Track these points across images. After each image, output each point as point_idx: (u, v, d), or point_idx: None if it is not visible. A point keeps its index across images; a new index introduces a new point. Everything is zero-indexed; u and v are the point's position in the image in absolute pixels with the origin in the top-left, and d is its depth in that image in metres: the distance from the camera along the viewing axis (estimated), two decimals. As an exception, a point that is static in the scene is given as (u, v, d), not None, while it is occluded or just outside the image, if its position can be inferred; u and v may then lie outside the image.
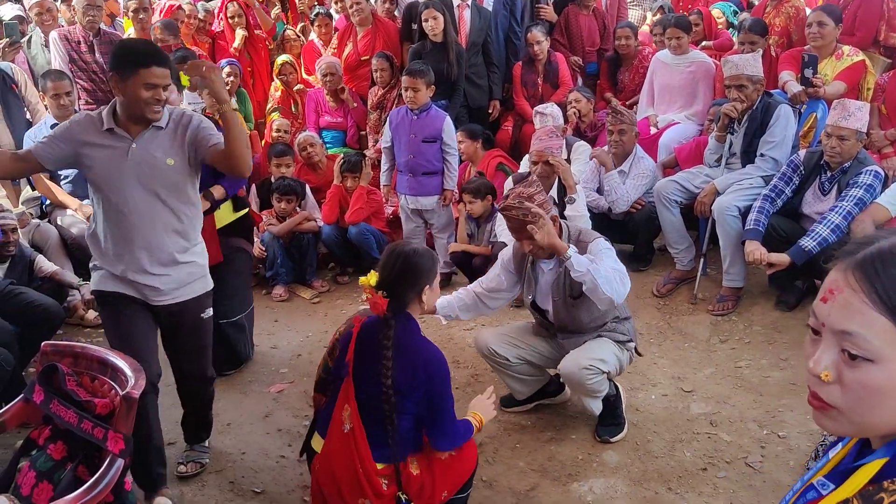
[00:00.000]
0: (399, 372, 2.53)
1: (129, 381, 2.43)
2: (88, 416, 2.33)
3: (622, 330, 3.51)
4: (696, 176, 5.03)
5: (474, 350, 4.50)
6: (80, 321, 5.13)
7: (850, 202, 4.10)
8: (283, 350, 4.81)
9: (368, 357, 2.59)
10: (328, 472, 2.63)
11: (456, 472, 2.77)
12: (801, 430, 3.60)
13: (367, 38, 6.77)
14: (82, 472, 2.36)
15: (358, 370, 2.62)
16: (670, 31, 5.87)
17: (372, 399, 2.58)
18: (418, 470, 2.67)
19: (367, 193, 5.65)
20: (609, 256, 3.27)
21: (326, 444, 2.68)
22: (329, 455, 2.65)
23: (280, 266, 5.63)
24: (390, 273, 2.58)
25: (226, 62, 6.70)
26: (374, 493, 2.57)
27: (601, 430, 3.62)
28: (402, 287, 2.58)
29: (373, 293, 2.54)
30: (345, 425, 2.62)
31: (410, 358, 2.55)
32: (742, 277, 4.77)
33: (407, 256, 2.60)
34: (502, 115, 6.86)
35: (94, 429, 2.31)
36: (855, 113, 4.12)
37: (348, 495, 2.58)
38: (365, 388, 2.59)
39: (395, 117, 5.48)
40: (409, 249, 2.64)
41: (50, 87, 5.18)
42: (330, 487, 2.63)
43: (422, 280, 2.61)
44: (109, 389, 2.48)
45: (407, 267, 2.58)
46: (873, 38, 5.69)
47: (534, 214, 3.15)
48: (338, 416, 2.64)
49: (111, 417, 2.38)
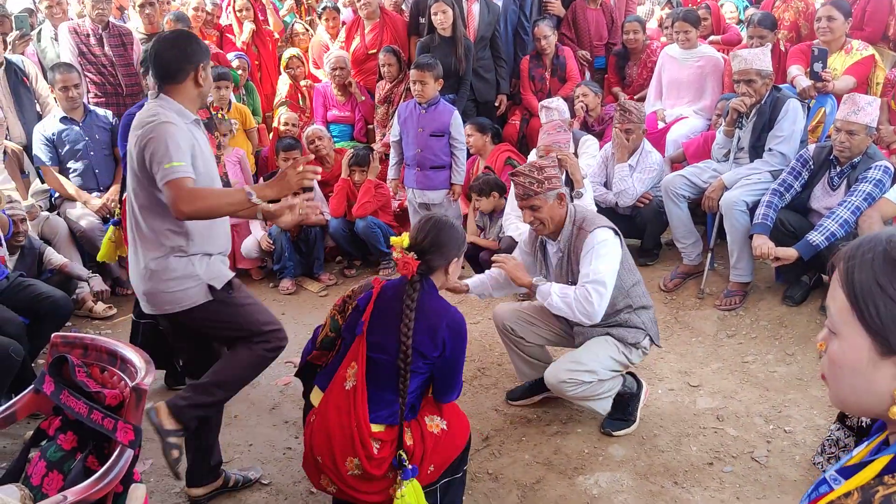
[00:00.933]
0: (419, 333, 2.58)
1: (139, 372, 2.45)
2: (98, 407, 2.34)
3: (634, 322, 3.46)
4: (703, 171, 5.01)
5: (481, 343, 4.53)
6: (88, 313, 5.17)
7: (859, 197, 4.09)
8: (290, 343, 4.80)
9: (387, 318, 2.63)
10: (322, 428, 2.65)
11: (446, 447, 2.80)
12: (807, 424, 3.60)
13: (374, 31, 6.77)
14: (92, 462, 2.37)
15: (374, 330, 2.65)
16: (678, 24, 5.86)
17: (383, 359, 2.62)
18: (412, 440, 2.70)
19: (374, 187, 5.66)
20: (600, 256, 3.25)
21: (325, 397, 2.70)
22: (326, 410, 2.67)
23: (287, 259, 5.65)
24: (425, 237, 2.65)
25: (234, 55, 6.73)
26: (366, 455, 2.59)
27: (607, 423, 3.63)
28: (433, 253, 2.65)
29: (404, 254, 2.62)
30: (347, 382, 2.65)
31: (432, 320, 2.60)
32: (749, 272, 4.76)
33: (443, 225, 2.69)
34: (509, 109, 6.85)
35: (103, 419, 2.32)
36: (865, 108, 4.10)
37: (339, 453, 2.60)
38: (378, 347, 2.63)
39: (403, 111, 5.49)
40: (445, 219, 2.74)
41: (59, 79, 5.21)
42: (322, 442, 2.65)
43: (452, 250, 2.69)
44: (119, 381, 2.49)
45: (441, 234, 2.66)
46: (883, 32, 5.67)
47: (539, 183, 3.27)
48: (342, 372, 2.67)
49: (121, 408, 2.39)
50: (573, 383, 3.36)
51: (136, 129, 2.79)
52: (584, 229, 3.34)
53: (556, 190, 3.34)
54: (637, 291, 3.47)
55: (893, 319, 1.02)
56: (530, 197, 3.32)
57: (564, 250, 3.40)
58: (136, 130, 2.80)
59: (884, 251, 1.04)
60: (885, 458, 1.04)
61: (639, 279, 3.52)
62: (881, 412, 1.06)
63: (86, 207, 5.32)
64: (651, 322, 3.54)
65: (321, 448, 2.65)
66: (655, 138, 5.66)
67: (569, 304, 3.24)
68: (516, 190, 3.38)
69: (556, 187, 3.34)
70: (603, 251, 3.26)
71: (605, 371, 3.40)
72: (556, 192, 3.34)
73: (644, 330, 3.48)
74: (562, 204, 3.38)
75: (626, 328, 3.46)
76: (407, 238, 2.64)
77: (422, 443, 2.72)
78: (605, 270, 3.23)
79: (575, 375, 3.35)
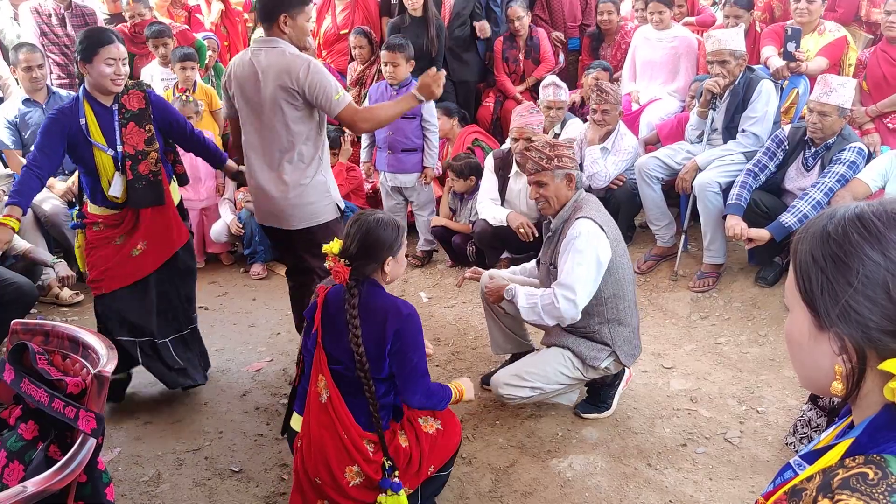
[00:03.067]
0: (368, 336, 2.51)
1: (102, 359, 2.38)
2: (60, 396, 2.28)
3: (602, 336, 3.33)
4: (677, 152, 5.00)
5: (455, 327, 4.51)
6: (55, 300, 5.07)
7: (833, 178, 4.10)
8: (260, 328, 4.76)
9: (336, 325, 2.57)
10: (313, 446, 2.59)
11: (443, 447, 2.77)
12: (780, 405, 3.61)
13: (346, 11, 6.68)
14: (54, 451, 2.32)
15: (327, 339, 2.59)
16: (652, 5, 5.81)
17: (342, 370, 2.56)
18: (407, 443, 2.65)
19: (346, 170, 5.59)
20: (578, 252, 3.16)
21: (306, 419, 2.64)
22: (311, 429, 2.61)
23: (258, 244, 5.57)
24: (353, 242, 2.54)
25: (202, 36, 6.60)
26: (364, 459, 2.54)
27: (580, 405, 3.61)
28: (363, 257, 2.54)
29: (336, 261, 2.52)
30: (322, 395, 2.59)
31: (376, 317, 2.52)
32: (723, 254, 4.77)
33: (369, 226, 2.56)
34: (484, 91, 6.80)
35: (65, 408, 2.26)
36: (837, 89, 4.10)
37: (336, 465, 2.54)
38: (336, 356, 2.57)
39: (374, 93, 5.41)
40: (373, 219, 2.60)
41: (22, 59, 5.07)
42: (316, 462, 2.58)
43: (383, 251, 2.57)
44: (81, 368, 2.43)
45: (368, 236, 2.54)
46: (854, 13, 5.68)
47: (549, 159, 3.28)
48: (313, 388, 2.62)
49: (83, 396, 2.33)
50: (511, 398, 3.39)
51: (277, 68, 3.34)
52: (574, 216, 3.29)
53: (566, 170, 3.31)
54: (615, 304, 3.32)
55: (823, 292, 1.02)
56: (538, 172, 3.31)
57: (556, 230, 3.39)
58: (276, 69, 3.34)
59: (823, 226, 1.04)
60: (847, 441, 1.04)
61: (623, 293, 3.34)
62: (826, 387, 1.06)
63: (50, 192, 5.20)
64: (623, 341, 3.37)
65: (317, 467, 2.58)
66: (630, 120, 5.64)
67: (536, 311, 3.23)
68: (526, 164, 3.36)
69: (567, 167, 3.31)
70: (581, 246, 3.17)
71: (550, 387, 3.39)
72: (566, 173, 3.31)
73: (609, 347, 3.34)
74: (570, 186, 3.34)
75: (590, 341, 3.35)
76: (338, 244, 2.55)
77: (418, 445, 2.67)
78: (578, 274, 3.15)
79: (514, 392, 3.37)
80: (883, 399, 1.00)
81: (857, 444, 1.02)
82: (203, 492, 3.19)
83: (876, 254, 0.98)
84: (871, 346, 1.00)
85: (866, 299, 0.99)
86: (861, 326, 0.99)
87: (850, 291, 0.99)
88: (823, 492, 0.97)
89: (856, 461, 0.99)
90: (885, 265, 0.98)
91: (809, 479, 1.03)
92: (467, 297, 4.99)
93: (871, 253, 0.99)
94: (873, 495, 0.92)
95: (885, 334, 0.98)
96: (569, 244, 3.21)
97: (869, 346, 1.00)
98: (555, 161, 3.29)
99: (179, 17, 6.92)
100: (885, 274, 0.98)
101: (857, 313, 0.99)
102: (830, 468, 1.01)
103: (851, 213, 1.03)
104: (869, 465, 0.96)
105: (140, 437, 3.59)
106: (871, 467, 0.96)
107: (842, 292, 1.00)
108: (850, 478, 0.96)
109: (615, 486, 3.12)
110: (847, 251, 1.00)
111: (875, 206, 1.03)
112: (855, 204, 1.05)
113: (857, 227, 1.01)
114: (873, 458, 0.97)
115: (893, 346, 0.98)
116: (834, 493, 0.95)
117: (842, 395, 1.05)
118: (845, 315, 1.00)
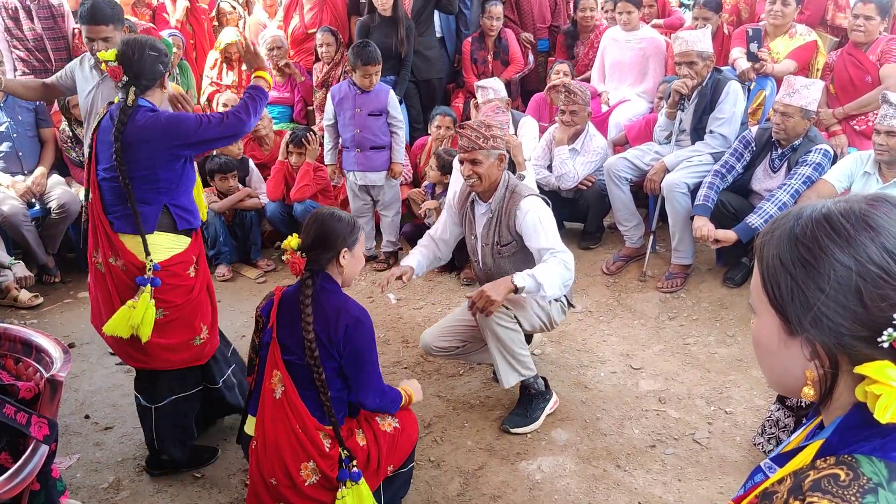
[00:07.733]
0: (319, 326, 2.53)
1: (56, 362, 2.31)
2: (10, 401, 2.20)
3: None
4: (645, 153, 5.01)
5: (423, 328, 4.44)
6: (13, 302, 4.94)
7: (799, 180, 4.12)
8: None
9: (290, 319, 2.59)
10: (268, 446, 2.55)
11: (401, 445, 2.78)
12: (748, 406, 3.62)
13: (314, 10, 6.60)
14: (5, 459, 2.24)
15: (281, 333, 2.60)
16: (621, 5, 5.82)
17: (295, 360, 2.56)
18: (364, 441, 2.65)
19: (313, 170, 5.52)
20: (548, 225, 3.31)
21: (259, 417, 2.62)
22: (265, 427, 2.58)
23: (223, 245, 5.48)
24: (308, 235, 2.61)
25: (168, 34, 6.48)
26: (319, 454, 2.52)
27: (507, 419, 3.53)
28: (318, 247, 2.60)
29: (293, 254, 2.59)
30: (276, 391, 2.57)
31: (328, 314, 2.55)
32: (691, 255, 4.78)
33: (325, 217, 2.64)
34: (453, 91, 6.77)
35: (16, 413, 2.18)
36: (800, 90, 4.12)
37: (291, 462, 2.52)
38: (289, 346, 2.57)
39: (337, 93, 5.31)
40: (328, 213, 2.67)
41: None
42: (272, 462, 2.55)
43: (337, 243, 2.61)
44: (34, 372, 2.35)
45: (323, 227, 2.61)
46: (821, 16, 5.72)
47: (485, 139, 3.32)
48: (268, 385, 2.60)
49: (35, 402, 2.25)
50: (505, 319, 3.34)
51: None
52: (518, 194, 3.40)
53: (499, 150, 3.39)
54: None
55: (793, 298, 1.00)
56: (473, 150, 3.35)
57: (495, 212, 3.45)
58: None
59: (790, 228, 1.01)
60: (818, 442, 1.02)
61: None
62: (797, 391, 1.04)
63: (8, 191, 5.07)
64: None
65: (272, 466, 2.54)
66: (598, 121, 5.64)
67: (560, 284, 3.18)
68: (461, 142, 3.40)
69: (499, 147, 3.39)
70: (542, 216, 3.32)
71: (529, 323, 3.44)
72: (498, 153, 3.39)
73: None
74: (500, 166, 3.42)
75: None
76: (296, 238, 2.62)
77: (376, 443, 2.67)
78: (556, 236, 3.32)
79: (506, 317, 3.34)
80: (853, 399, 0.98)
81: (828, 444, 1.00)
82: (164, 498, 3.12)
83: (846, 257, 0.96)
84: (844, 351, 0.97)
85: (839, 305, 0.96)
86: (834, 333, 0.97)
87: (823, 298, 0.97)
88: (794, 494, 0.95)
89: (827, 462, 0.97)
90: (856, 269, 0.95)
91: (780, 482, 1.01)
92: (436, 297, 4.95)
93: (841, 257, 0.96)
94: (845, 497, 0.90)
95: (857, 340, 0.96)
96: (532, 221, 3.31)
97: (841, 351, 0.98)
98: (490, 141, 3.35)
99: (144, 16, 6.80)
100: (856, 279, 0.95)
101: (829, 320, 0.97)
102: (801, 470, 0.99)
103: (818, 214, 1.00)
104: (840, 466, 0.95)
105: (99, 443, 3.51)
106: (843, 468, 0.94)
107: (814, 299, 0.97)
108: (821, 479, 0.94)
109: (584, 488, 3.10)
110: (816, 255, 0.97)
111: (842, 206, 1.00)
112: (822, 203, 1.02)
113: (826, 229, 0.98)
114: (844, 459, 0.96)
115: (866, 350, 0.95)
116: (805, 496, 0.93)
117: (814, 400, 1.02)
118: (817, 322, 0.98)
